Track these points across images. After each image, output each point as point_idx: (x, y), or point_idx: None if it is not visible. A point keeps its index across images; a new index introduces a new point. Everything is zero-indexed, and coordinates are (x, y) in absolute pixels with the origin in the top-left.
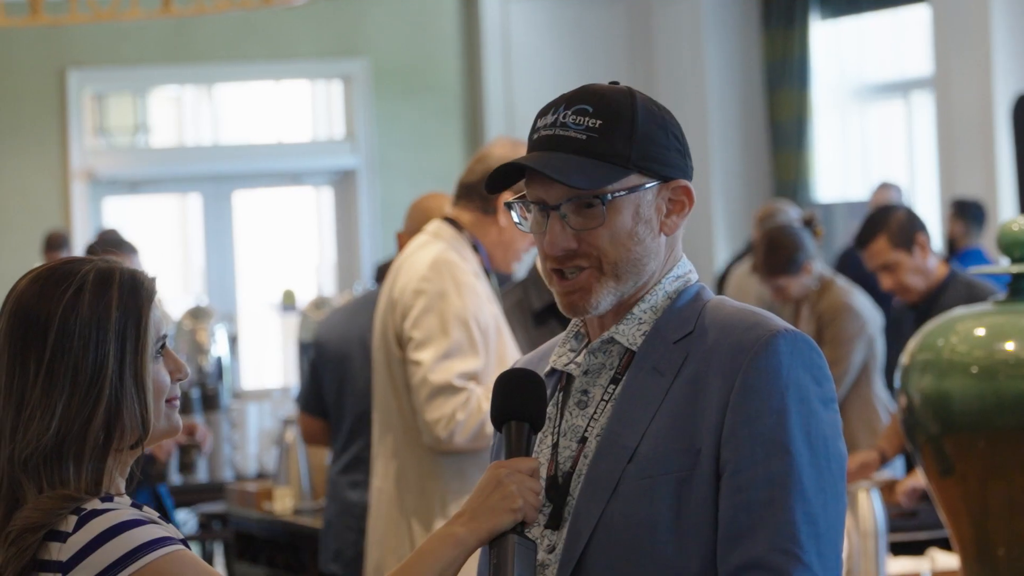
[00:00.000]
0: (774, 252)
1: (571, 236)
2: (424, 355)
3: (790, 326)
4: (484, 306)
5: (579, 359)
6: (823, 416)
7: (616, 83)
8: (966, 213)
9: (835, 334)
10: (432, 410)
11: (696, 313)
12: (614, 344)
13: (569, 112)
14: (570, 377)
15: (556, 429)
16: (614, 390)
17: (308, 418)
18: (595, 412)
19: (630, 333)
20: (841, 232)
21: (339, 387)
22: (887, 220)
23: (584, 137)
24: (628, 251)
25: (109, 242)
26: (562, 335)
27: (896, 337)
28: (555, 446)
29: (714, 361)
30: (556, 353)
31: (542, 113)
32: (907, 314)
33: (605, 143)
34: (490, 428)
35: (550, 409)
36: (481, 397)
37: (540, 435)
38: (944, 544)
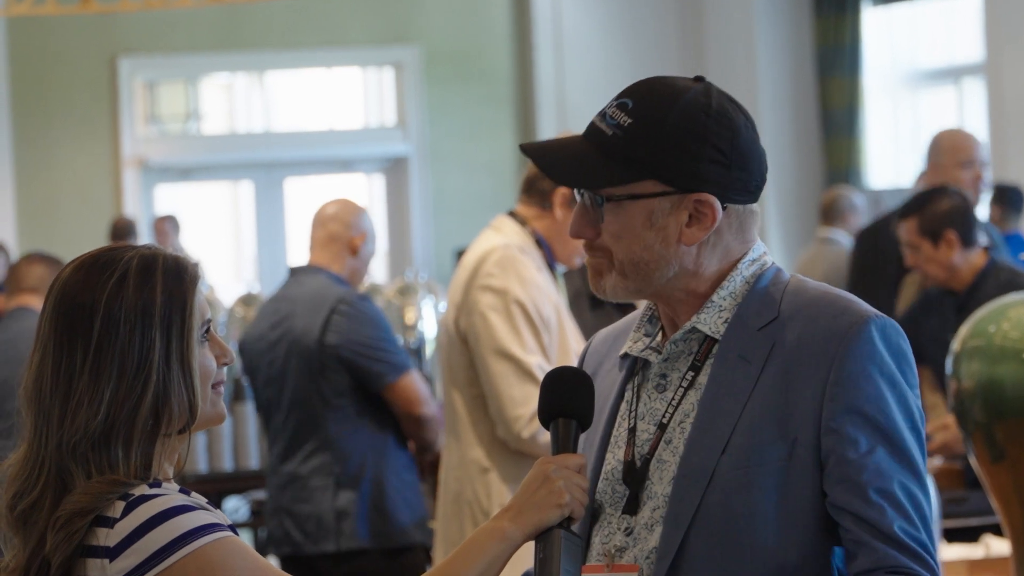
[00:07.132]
0: None
1: (589, 224)
2: (497, 348)
3: (876, 311)
4: (546, 300)
5: (655, 344)
6: (913, 400)
7: (700, 79)
8: (1003, 198)
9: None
10: (513, 405)
11: (778, 297)
12: (695, 332)
13: (614, 103)
14: (646, 362)
15: (633, 413)
16: (692, 376)
17: None
18: (673, 397)
19: (712, 321)
20: None
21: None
22: (926, 205)
23: (610, 133)
24: (633, 253)
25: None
26: (637, 316)
27: (930, 318)
28: (632, 430)
29: (806, 350)
30: (631, 338)
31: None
32: (946, 299)
33: (625, 144)
34: None
35: (627, 393)
36: None
37: (617, 419)
38: (998, 530)
